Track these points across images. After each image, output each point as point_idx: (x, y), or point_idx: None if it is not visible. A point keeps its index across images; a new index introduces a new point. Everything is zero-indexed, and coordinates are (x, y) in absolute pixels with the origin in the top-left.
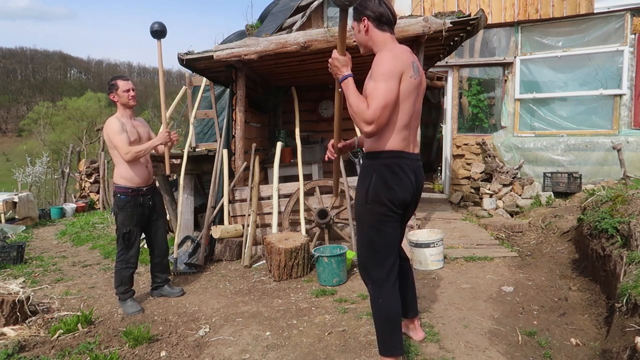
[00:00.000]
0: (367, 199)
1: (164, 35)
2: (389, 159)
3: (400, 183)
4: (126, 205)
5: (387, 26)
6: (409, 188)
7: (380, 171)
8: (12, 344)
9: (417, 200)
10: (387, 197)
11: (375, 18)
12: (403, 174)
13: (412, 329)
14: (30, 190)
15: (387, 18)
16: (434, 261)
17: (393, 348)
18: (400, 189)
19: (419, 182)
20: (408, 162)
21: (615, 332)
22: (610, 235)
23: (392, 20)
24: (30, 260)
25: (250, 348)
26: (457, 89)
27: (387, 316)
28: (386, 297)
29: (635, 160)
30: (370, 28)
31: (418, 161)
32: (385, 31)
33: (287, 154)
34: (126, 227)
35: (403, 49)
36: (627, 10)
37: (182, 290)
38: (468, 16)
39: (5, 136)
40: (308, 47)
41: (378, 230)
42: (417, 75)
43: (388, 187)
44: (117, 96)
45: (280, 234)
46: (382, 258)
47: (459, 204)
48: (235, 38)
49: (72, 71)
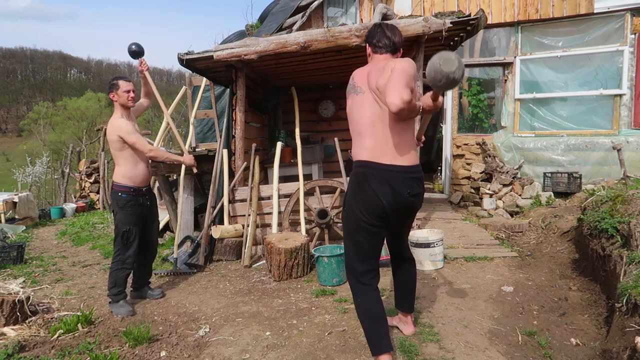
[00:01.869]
0: (343, 204)
1: (142, 54)
2: (357, 168)
3: (363, 194)
4: (127, 205)
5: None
6: (373, 199)
7: (352, 179)
8: (12, 344)
9: (405, 211)
10: (355, 206)
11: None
12: (366, 185)
13: (404, 323)
14: (30, 190)
15: (383, 43)
16: (434, 261)
17: (379, 346)
18: (362, 199)
19: (396, 194)
20: (376, 172)
21: (615, 332)
22: (610, 235)
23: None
24: (30, 260)
25: (250, 348)
26: (457, 89)
27: (367, 315)
28: (363, 297)
29: (635, 160)
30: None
31: (397, 172)
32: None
33: (287, 154)
34: (126, 226)
35: None
36: (627, 10)
37: (163, 292)
38: (468, 16)
39: (5, 136)
40: (308, 47)
41: (352, 237)
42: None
43: (354, 197)
44: (117, 96)
45: (280, 234)
46: (360, 262)
47: (459, 204)
48: (235, 38)
49: (72, 71)
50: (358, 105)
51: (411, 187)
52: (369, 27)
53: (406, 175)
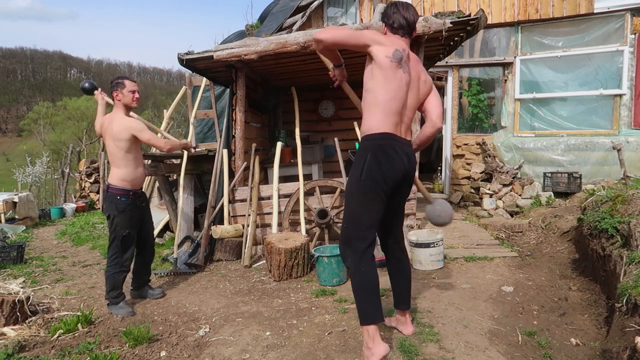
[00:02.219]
0: (361, 175)
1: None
2: (380, 140)
3: (390, 160)
4: (127, 208)
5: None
6: (398, 166)
7: (373, 150)
8: (12, 344)
9: (410, 181)
10: (378, 175)
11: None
12: (393, 152)
13: (403, 323)
14: (30, 190)
15: (399, 23)
16: (434, 261)
17: (374, 315)
18: (390, 166)
19: (411, 164)
20: (397, 144)
21: (615, 332)
22: (610, 235)
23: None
24: (30, 260)
25: (250, 348)
26: (457, 89)
27: (367, 282)
28: (367, 265)
29: (635, 160)
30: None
31: (409, 147)
32: (399, 35)
33: (287, 154)
34: (125, 230)
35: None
36: (627, 10)
37: (163, 292)
38: (468, 16)
39: (5, 136)
40: (308, 47)
41: (365, 206)
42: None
43: (378, 164)
44: (122, 95)
45: (280, 234)
46: (366, 232)
47: (459, 204)
48: (235, 38)
49: (72, 71)
50: (400, 83)
51: (411, 159)
52: (369, 27)
53: (412, 150)
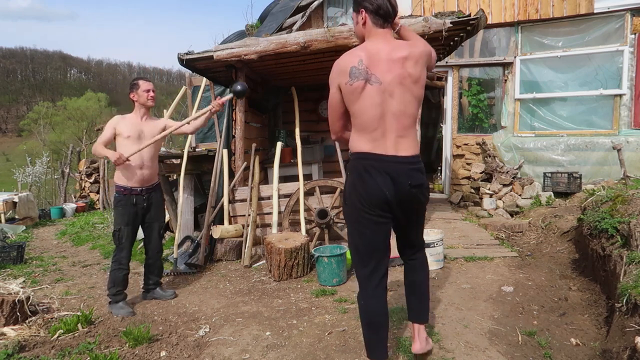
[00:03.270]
0: (344, 199)
1: (243, 94)
2: (356, 161)
3: (364, 185)
4: (119, 204)
5: (383, 19)
6: (375, 190)
7: (351, 172)
8: (12, 344)
9: (410, 203)
10: (357, 198)
11: (372, 10)
12: (365, 174)
13: (414, 338)
14: (30, 190)
15: (385, 10)
16: (434, 261)
17: (371, 349)
18: (365, 191)
19: (398, 184)
20: (373, 163)
21: (615, 332)
22: (610, 235)
23: (390, 12)
24: (30, 260)
25: (250, 348)
26: (457, 89)
27: (367, 317)
28: (367, 298)
29: (635, 160)
30: (367, 21)
31: (399, 164)
32: (377, 25)
33: (287, 154)
34: (117, 225)
35: (352, 52)
36: (627, 10)
37: (175, 292)
38: (468, 16)
39: (5, 136)
40: (308, 47)
41: (358, 231)
42: (357, 79)
43: (355, 188)
44: (137, 95)
45: (280, 234)
46: (365, 259)
47: (459, 204)
48: (235, 38)
49: (72, 71)
50: (371, 97)
51: (412, 178)
52: None
53: (407, 166)
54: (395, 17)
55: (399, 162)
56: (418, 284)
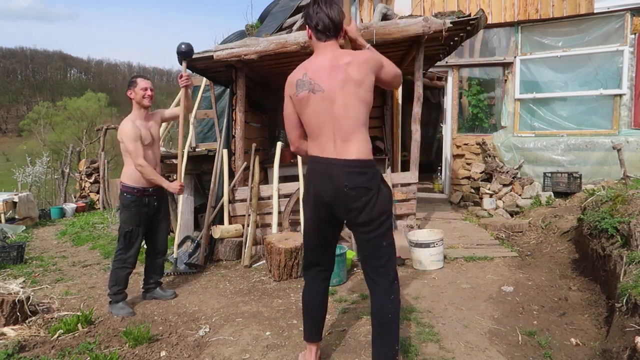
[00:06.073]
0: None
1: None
2: (308, 164)
3: (308, 185)
4: (131, 205)
5: (322, 34)
6: (318, 190)
7: (305, 175)
8: (12, 344)
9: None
10: (306, 198)
11: (313, 27)
12: (312, 175)
13: None
14: (30, 190)
15: (324, 25)
16: (434, 261)
17: (307, 333)
18: (311, 192)
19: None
20: (319, 165)
21: (615, 332)
22: (610, 235)
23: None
24: (30, 260)
25: (250, 348)
26: (457, 89)
27: (304, 305)
28: (304, 289)
29: (635, 160)
30: (312, 36)
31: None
32: (321, 40)
33: (287, 154)
34: (129, 226)
35: (300, 66)
36: (627, 10)
37: (175, 292)
38: (468, 16)
39: (5, 136)
40: (308, 47)
41: (306, 226)
42: (302, 90)
43: (306, 189)
44: (134, 93)
45: (280, 234)
46: (308, 253)
47: (459, 204)
48: (235, 38)
49: (72, 71)
50: (315, 105)
51: (349, 180)
52: (369, 27)
53: (348, 168)
54: (338, 29)
55: (341, 165)
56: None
